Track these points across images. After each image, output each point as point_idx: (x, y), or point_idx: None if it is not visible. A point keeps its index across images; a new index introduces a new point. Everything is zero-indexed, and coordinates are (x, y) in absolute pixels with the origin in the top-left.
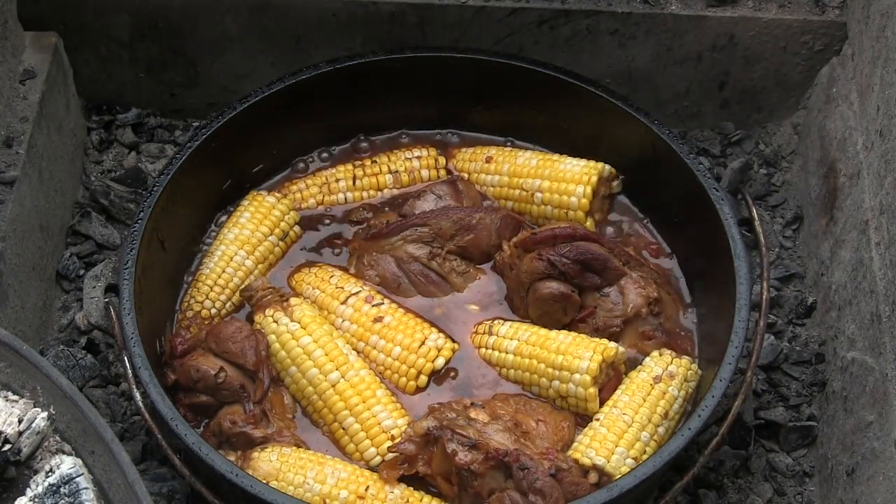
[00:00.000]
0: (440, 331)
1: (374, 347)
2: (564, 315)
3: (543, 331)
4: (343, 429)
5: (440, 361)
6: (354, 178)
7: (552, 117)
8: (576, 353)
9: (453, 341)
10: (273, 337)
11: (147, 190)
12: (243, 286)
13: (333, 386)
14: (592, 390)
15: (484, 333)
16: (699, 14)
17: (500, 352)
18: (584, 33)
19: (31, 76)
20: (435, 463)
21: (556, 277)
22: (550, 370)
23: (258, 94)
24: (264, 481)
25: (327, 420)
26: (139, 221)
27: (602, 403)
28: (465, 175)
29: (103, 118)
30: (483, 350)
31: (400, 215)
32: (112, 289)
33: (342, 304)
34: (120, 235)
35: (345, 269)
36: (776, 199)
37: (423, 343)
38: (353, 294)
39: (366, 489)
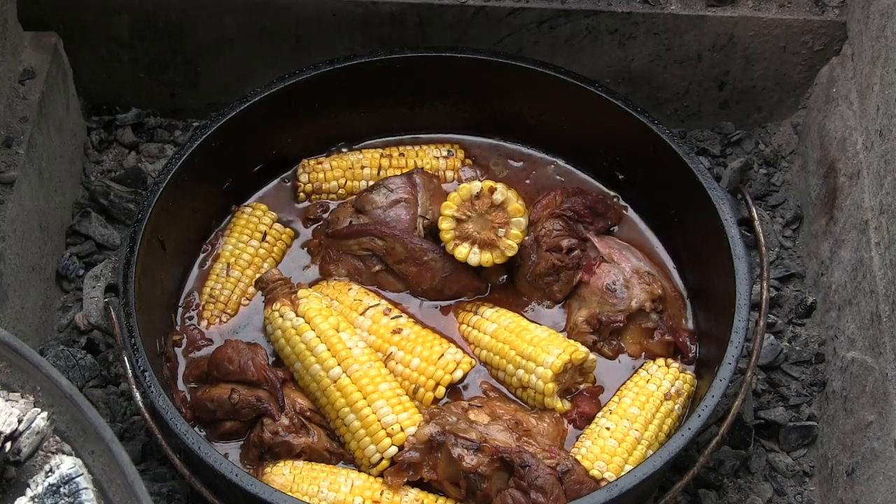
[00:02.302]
0: (457, 346)
1: (393, 358)
2: (558, 291)
3: (525, 321)
4: (345, 425)
5: (458, 374)
6: (380, 168)
7: (552, 117)
8: (545, 348)
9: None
10: (279, 332)
11: (147, 190)
12: (257, 277)
13: (335, 381)
14: (551, 385)
15: (470, 312)
16: (699, 14)
17: (478, 331)
18: (583, 33)
19: (31, 76)
20: (440, 468)
21: (569, 235)
22: (518, 358)
23: (258, 94)
24: None
25: (331, 416)
26: (139, 221)
27: (583, 416)
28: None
29: (103, 118)
30: (464, 327)
31: (354, 207)
32: (112, 289)
33: (360, 315)
34: (120, 235)
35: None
36: (776, 199)
37: (441, 356)
38: (372, 306)
39: (381, 494)
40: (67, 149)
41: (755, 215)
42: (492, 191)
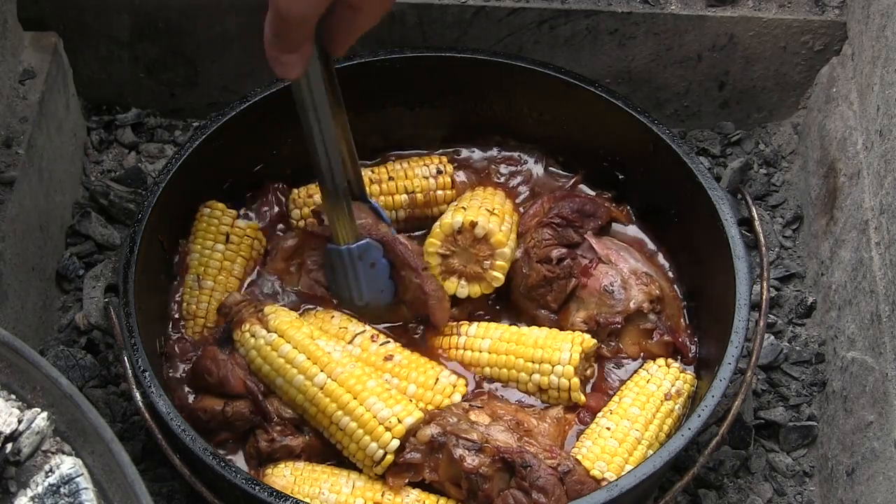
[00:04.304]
0: (451, 369)
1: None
2: (552, 301)
3: (515, 328)
4: (341, 429)
5: (457, 397)
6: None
7: (552, 117)
8: (554, 346)
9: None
10: (254, 353)
11: (147, 190)
12: (219, 306)
13: (322, 388)
14: (576, 380)
15: (452, 335)
16: (699, 14)
17: (473, 351)
18: (583, 33)
19: (31, 76)
20: (442, 469)
21: (560, 244)
22: (530, 364)
23: (258, 94)
24: None
25: (324, 424)
26: (139, 221)
27: (590, 411)
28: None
29: (103, 118)
30: (454, 351)
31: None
32: (112, 289)
33: (349, 343)
34: (120, 235)
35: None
36: (776, 199)
37: (437, 380)
38: (359, 334)
39: (382, 494)
40: (67, 149)
41: (755, 215)
42: (473, 225)
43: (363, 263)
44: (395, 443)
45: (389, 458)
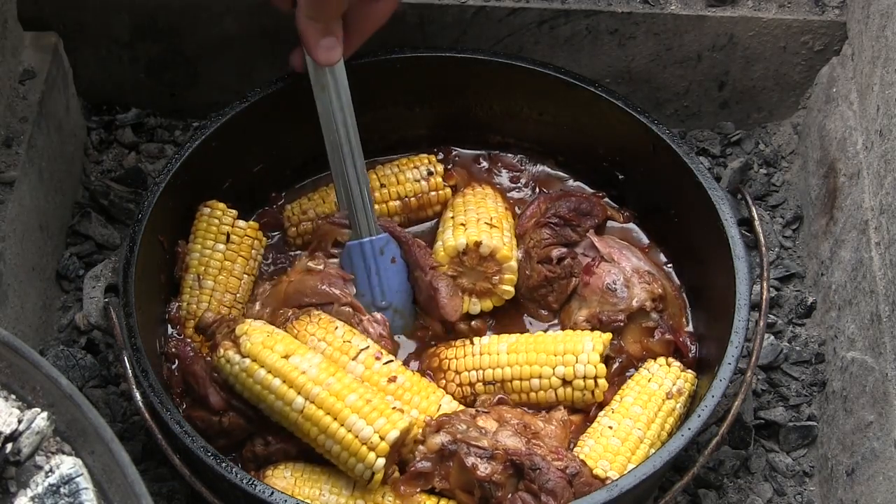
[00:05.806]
0: (452, 394)
1: None
2: (553, 301)
3: (528, 333)
4: (327, 451)
5: None
6: None
7: (552, 117)
8: (575, 339)
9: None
10: (232, 378)
11: (147, 190)
12: (195, 325)
13: (301, 412)
14: (603, 366)
15: (464, 345)
16: (699, 14)
17: (490, 355)
18: (583, 33)
19: (31, 76)
20: (453, 477)
21: (559, 243)
22: (553, 357)
23: (258, 93)
24: None
25: (313, 446)
26: (139, 221)
27: (599, 406)
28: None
29: (103, 118)
30: (469, 359)
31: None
32: (112, 289)
33: (352, 360)
34: (120, 235)
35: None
36: (776, 199)
37: (439, 407)
38: (363, 350)
39: (382, 496)
40: (67, 149)
41: (755, 215)
42: (477, 245)
43: (384, 259)
44: (381, 462)
45: (378, 476)
